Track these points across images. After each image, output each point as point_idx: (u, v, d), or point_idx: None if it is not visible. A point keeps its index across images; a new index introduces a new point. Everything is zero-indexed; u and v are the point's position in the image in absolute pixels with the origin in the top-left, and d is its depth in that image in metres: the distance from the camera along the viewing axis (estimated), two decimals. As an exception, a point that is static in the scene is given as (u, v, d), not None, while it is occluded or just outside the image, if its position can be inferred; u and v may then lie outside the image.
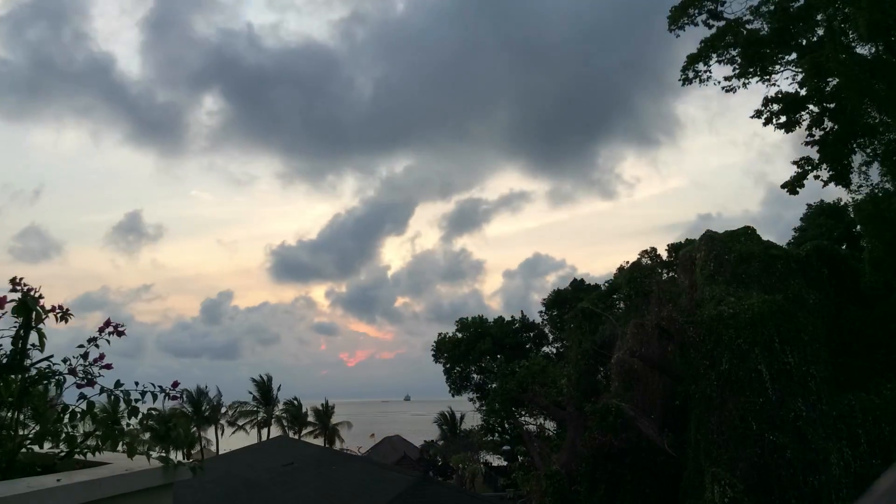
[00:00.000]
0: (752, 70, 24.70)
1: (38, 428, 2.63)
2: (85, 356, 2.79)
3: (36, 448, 2.64)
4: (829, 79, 21.82)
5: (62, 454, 2.73)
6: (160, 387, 2.85)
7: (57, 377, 2.72)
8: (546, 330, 53.12)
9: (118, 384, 2.78)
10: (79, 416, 2.71)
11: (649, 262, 39.28)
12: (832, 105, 22.94)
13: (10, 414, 2.61)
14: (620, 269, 42.23)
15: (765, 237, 20.85)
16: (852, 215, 25.88)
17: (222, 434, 62.40)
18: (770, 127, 25.25)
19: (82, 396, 2.73)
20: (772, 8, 23.11)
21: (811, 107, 24.06)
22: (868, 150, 21.68)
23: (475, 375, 51.54)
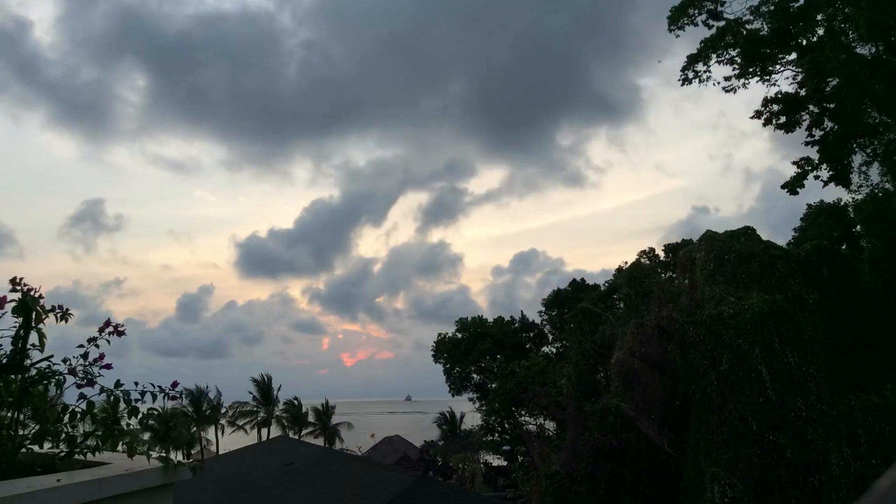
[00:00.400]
0: (752, 70, 24.71)
1: (38, 428, 2.63)
2: (85, 356, 2.79)
3: (36, 448, 2.64)
4: (829, 79, 21.84)
5: (62, 454, 2.73)
6: (160, 387, 2.86)
7: (57, 377, 2.72)
8: (546, 330, 53.14)
9: (118, 384, 2.79)
10: (79, 416, 2.71)
11: (648, 262, 39.35)
12: (832, 105, 22.96)
13: (10, 414, 2.61)
14: (620, 269, 42.28)
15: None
16: (852, 215, 25.89)
17: (222, 434, 62.42)
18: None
19: (82, 396, 2.73)
20: (772, 8, 23.11)
21: (811, 107, 24.07)
22: (868, 150, 21.69)
23: (475, 375, 51.56)
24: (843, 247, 27.44)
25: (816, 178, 24.55)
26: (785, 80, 24.77)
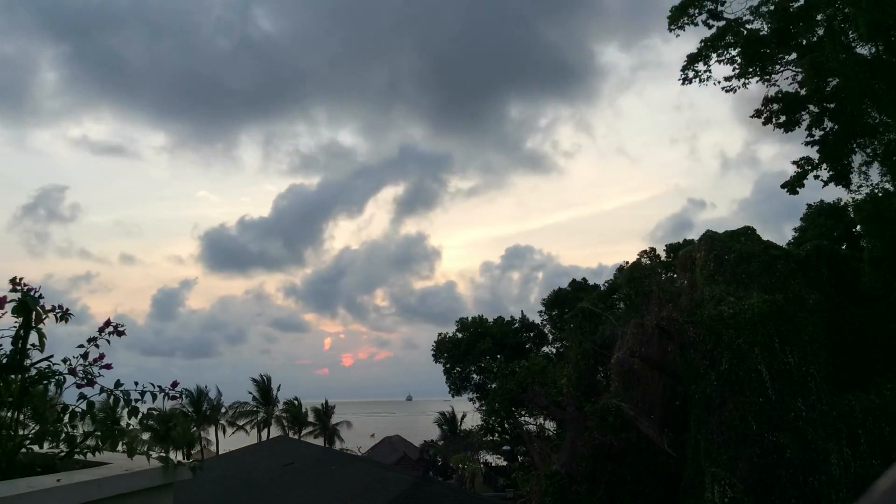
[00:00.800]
0: (752, 70, 24.70)
1: (38, 428, 2.63)
2: (85, 356, 2.79)
3: (36, 448, 2.64)
4: (829, 79, 21.83)
5: (62, 454, 2.73)
6: (160, 386, 2.86)
7: (57, 377, 2.72)
8: (546, 330, 53.16)
9: (118, 384, 2.79)
10: (79, 416, 2.71)
11: (649, 262, 39.36)
12: (832, 105, 22.95)
13: (10, 414, 2.61)
14: (620, 269, 42.30)
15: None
16: (852, 215, 25.89)
17: (222, 434, 62.42)
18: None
19: (82, 396, 2.73)
20: (772, 8, 23.10)
21: (811, 107, 24.06)
22: (868, 150, 21.70)
23: (475, 375, 51.55)
24: (843, 247, 27.45)
25: (816, 177, 24.54)
26: (785, 80, 24.77)
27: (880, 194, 20.37)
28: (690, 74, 25.16)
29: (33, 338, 2.68)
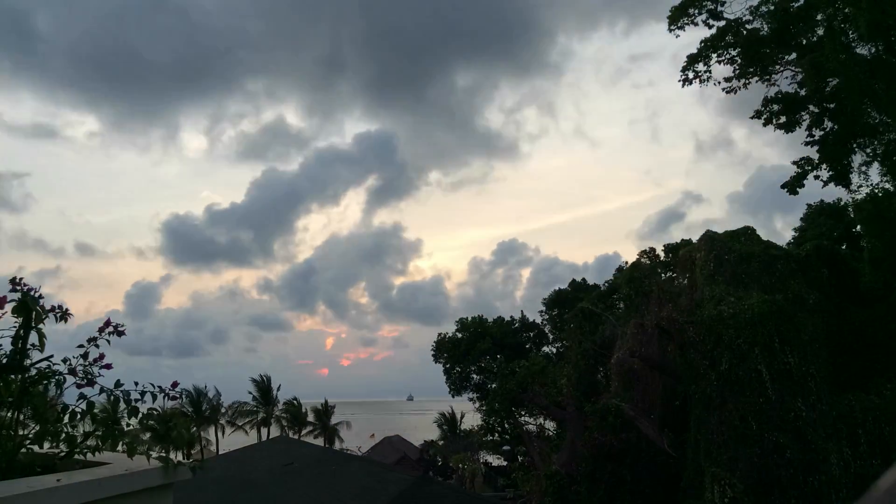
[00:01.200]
0: (752, 70, 24.69)
1: (38, 428, 2.63)
2: (85, 356, 2.79)
3: (36, 448, 2.64)
4: (829, 79, 21.83)
5: (62, 454, 2.73)
6: (160, 387, 2.85)
7: (57, 377, 2.72)
8: (546, 330, 53.16)
9: (118, 384, 2.78)
10: (79, 416, 2.71)
11: (649, 261, 39.37)
12: (832, 105, 22.95)
13: (10, 414, 2.61)
14: (620, 269, 42.33)
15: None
16: (852, 215, 25.89)
17: (222, 434, 62.41)
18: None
19: (82, 396, 2.72)
20: (772, 8, 23.10)
21: (811, 107, 24.06)
22: (868, 150, 21.70)
23: (475, 375, 51.55)
24: (843, 247, 27.44)
25: (816, 178, 24.54)
26: (785, 81, 24.76)
27: (880, 194, 20.37)
28: (691, 75, 25.16)
29: (33, 338, 2.68)
